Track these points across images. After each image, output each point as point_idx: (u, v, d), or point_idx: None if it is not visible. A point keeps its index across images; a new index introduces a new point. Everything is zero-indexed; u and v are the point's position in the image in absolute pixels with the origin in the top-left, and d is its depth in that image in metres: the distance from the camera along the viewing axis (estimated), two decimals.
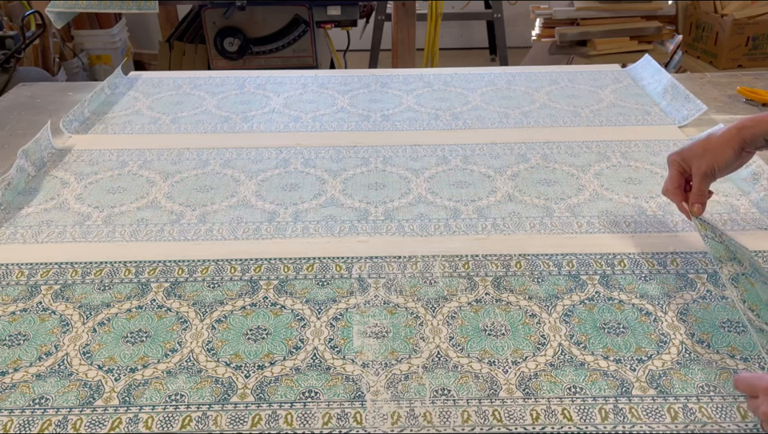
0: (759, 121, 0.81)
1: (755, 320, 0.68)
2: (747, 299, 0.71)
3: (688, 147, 0.85)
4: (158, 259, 0.92)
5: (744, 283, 0.73)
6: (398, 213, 1.03)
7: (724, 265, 0.75)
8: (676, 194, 0.86)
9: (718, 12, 2.81)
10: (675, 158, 0.86)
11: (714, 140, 0.83)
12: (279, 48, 2.32)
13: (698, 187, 0.84)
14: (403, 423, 0.67)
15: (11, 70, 2.39)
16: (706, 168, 0.82)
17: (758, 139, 0.81)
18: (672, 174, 0.86)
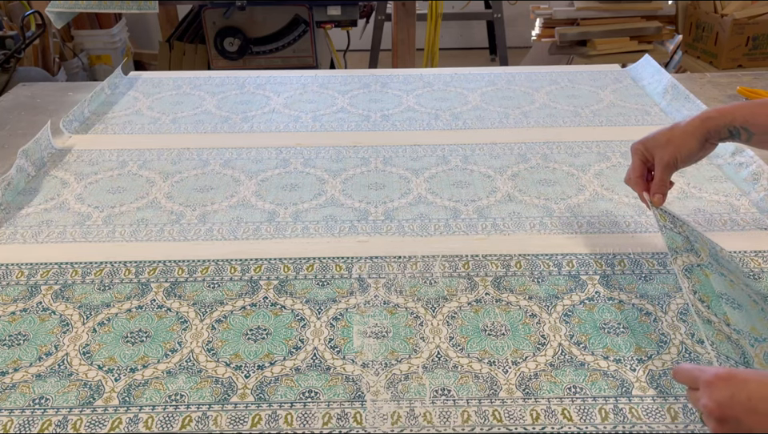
0: (723, 112, 0.81)
1: (704, 311, 0.68)
2: (699, 291, 0.71)
3: (652, 137, 0.84)
4: (157, 259, 0.92)
5: (698, 274, 0.73)
6: (397, 213, 1.03)
7: (679, 256, 0.75)
8: (638, 184, 0.85)
9: (718, 12, 2.81)
10: (639, 147, 0.85)
11: (677, 130, 0.82)
12: (279, 48, 2.32)
13: (660, 177, 0.83)
14: (403, 424, 0.67)
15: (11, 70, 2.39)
16: (669, 158, 0.81)
17: (722, 130, 0.80)
18: (635, 163, 0.85)
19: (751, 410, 0.52)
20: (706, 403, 0.55)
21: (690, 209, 1.02)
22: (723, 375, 0.55)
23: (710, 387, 0.55)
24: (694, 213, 1.01)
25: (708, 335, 0.65)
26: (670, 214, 0.83)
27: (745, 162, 1.10)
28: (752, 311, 0.72)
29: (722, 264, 0.79)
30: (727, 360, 0.63)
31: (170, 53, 2.54)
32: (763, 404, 0.52)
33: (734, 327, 0.68)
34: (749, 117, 0.79)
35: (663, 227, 0.79)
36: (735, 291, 0.74)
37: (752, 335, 0.68)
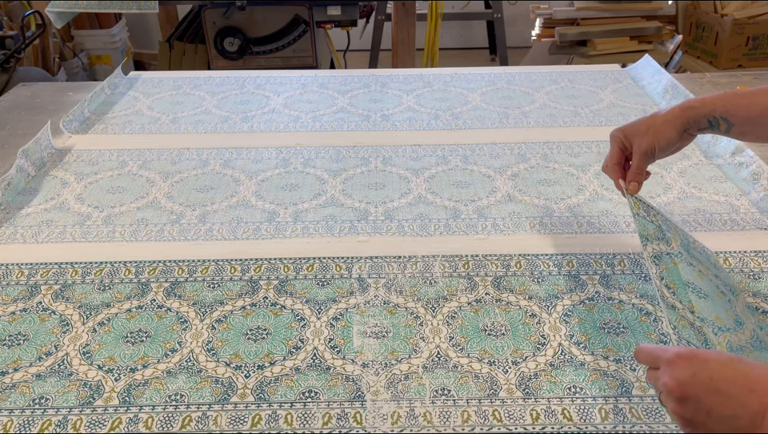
0: (704, 102, 0.80)
1: (669, 297, 0.68)
2: (666, 277, 0.71)
3: (632, 124, 0.84)
4: (157, 259, 0.92)
5: (666, 262, 0.73)
6: (397, 213, 1.03)
7: (649, 243, 0.75)
8: (615, 171, 0.84)
9: (718, 12, 2.81)
10: (618, 135, 0.85)
11: (657, 119, 0.82)
12: (279, 48, 2.32)
13: (637, 165, 0.82)
14: (403, 424, 0.67)
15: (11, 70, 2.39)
16: (647, 147, 0.81)
17: (701, 120, 0.80)
18: (613, 150, 0.85)
19: (712, 389, 0.52)
20: (667, 382, 0.55)
21: (690, 209, 1.02)
22: (685, 355, 0.55)
23: (671, 365, 0.55)
24: (693, 213, 1.01)
25: (671, 319, 0.65)
26: (644, 202, 0.82)
27: (745, 162, 1.10)
28: (718, 301, 0.72)
29: (693, 255, 0.79)
30: (688, 345, 0.62)
31: (169, 53, 2.54)
32: (724, 384, 0.52)
33: (698, 315, 0.68)
34: (729, 107, 0.78)
35: (636, 214, 0.79)
36: (703, 281, 0.74)
37: (716, 324, 0.68)
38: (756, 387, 0.51)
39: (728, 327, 0.68)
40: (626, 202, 1.03)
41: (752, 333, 0.71)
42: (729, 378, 0.52)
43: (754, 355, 0.67)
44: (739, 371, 0.52)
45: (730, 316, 0.71)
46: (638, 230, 0.77)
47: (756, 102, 0.77)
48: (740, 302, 0.77)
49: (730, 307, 0.73)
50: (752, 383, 0.51)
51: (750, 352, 0.67)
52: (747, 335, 0.70)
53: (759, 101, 0.77)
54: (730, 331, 0.68)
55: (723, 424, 0.52)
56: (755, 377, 0.51)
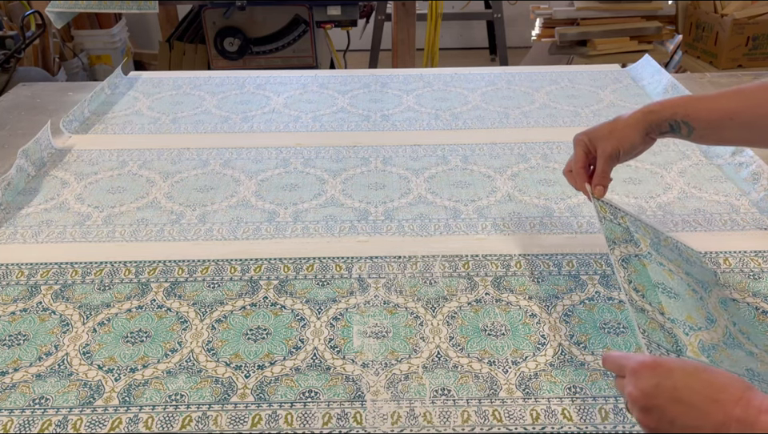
0: (665, 106, 0.81)
1: (638, 300, 0.68)
2: (634, 280, 0.71)
3: (595, 128, 0.84)
4: (157, 259, 0.92)
5: (635, 264, 0.73)
6: (397, 213, 1.03)
7: (617, 247, 0.75)
8: (580, 175, 0.84)
9: (718, 12, 2.81)
10: (582, 138, 0.84)
11: (620, 123, 0.82)
12: (279, 48, 2.32)
13: (602, 169, 0.82)
14: (403, 423, 0.67)
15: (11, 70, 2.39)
16: (611, 150, 0.81)
17: (663, 124, 0.80)
18: (577, 154, 0.85)
19: (675, 400, 0.52)
20: (631, 391, 0.55)
21: (690, 209, 1.02)
22: (649, 364, 0.55)
23: (636, 375, 0.55)
24: (693, 213, 1.01)
25: (640, 323, 0.65)
26: (610, 205, 0.82)
27: (745, 162, 1.10)
28: (689, 300, 0.72)
29: (663, 254, 0.78)
30: (658, 348, 0.62)
31: (169, 53, 2.54)
32: (687, 394, 0.52)
33: (668, 316, 0.67)
34: (690, 111, 0.78)
35: (603, 218, 0.79)
36: (673, 281, 0.74)
37: (687, 324, 0.68)
38: (719, 397, 0.50)
39: (700, 326, 0.68)
40: (626, 202, 1.04)
41: (724, 330, 0.71)
42: (692, 388, 0.52)
43: (726, 353, 0.66)
44: (703, 380, 0.52)
45: (702, 314, 0.71)
46: (604, 234, 0.76)
47: (717, 107, 0.77)
48: (713, 298, 0.77)
49: (701, 305, 0.73)
50: (715, 393, 0.51)
51: (722, 350, 0.66)
52: (720, 332, 0.70)
53: (720, 105, 0.77)
54: (702, 330, 0.68)
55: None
56: (719, 387, 0.51)
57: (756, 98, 0.75)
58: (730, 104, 0.77)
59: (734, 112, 0.76)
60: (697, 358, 0.63)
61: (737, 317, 0.77)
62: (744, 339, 0.72)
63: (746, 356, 0.68)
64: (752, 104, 0.75)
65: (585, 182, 0.83)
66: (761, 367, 0.67)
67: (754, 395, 0.50)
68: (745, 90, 0.77)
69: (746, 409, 0.49)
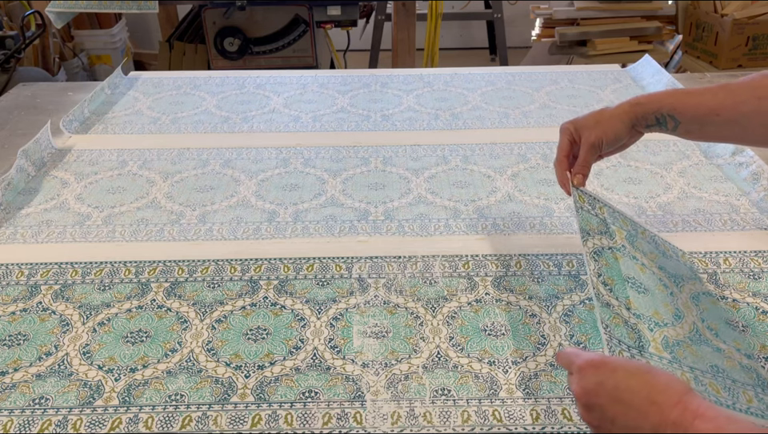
0: (652, 99, 0.80)
1: (605, 295, 0.68)
2: (604, 274, 0.70)
3: (582, 117, 0.84)
4: (157, 259, 0.92)
5: (607, 257, 0.73)
6: (397, 213, 1.03)
7: (590, 238, 0.74)
8: (562, 163, 0.84)
9: (718, 12, 2.81)
10: (568, 127, 0.84)
11: (606, 113, 0.82)
12: (279, 48, 2.32)
13: (584, 158, 0.82)
14: (403, 424, 0.67)
15: (11, 70, 2.39)
16: (595, 139, 0.81)
17: (649, 117, 0.80)
18: (562, 142, 0.84)
19: (616, 400, 0.52)
20: (576, 389, 0.55)
21: (690, 209, 1.02)
22: (595, 362, 0.55)
23: (581, 373, 0.56)
24: (693, 213, 1.01)
25: (604, 318, 0.65)
26: (589, 195, 0.81)
27: (745, 162, 1.10)
28: (659, 295, 0.72)
29: (638, 247, 0.78)
30: (619, 344, 0.62)
31: (169, 53, 2.54)
32: (627, 395, 0.52)
33: (634, 311, 0.67)
34: (677, 105, 0.78)
35: (581, 208, 0.78)
36: (645, 275, 0.74)
37: (653, 320, 0.67)
38: (658, 399, 0.51)
39: (666, 322, 0.68)
40: (626, 202, 1.04)
41: (692, 326, 0.70)
42: (633, 389, 0.52)
43: (691, 350, 0.66)
44: (645, 381, 0.52)
45: (670, 310, 0.71)
46: (579, 225, 0.76)
47: (703, 102, 0.77)
48: (684, 293, 0.77)
49: (671, 301, 0.73)
50: (655, 394, 0.51)
51: (687, 346, 0.66)
52: (686, 328, 0.69)
53: (706, 100, 0.77)
54: (667, 326, 0.68)
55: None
56: (660, 388, 0.51)
57: (741, 95, 0.75)
58: (716, 100, 0.76)
59: (720, 108, 0.76)
60: (659, 354, 0.63)
61: (708, 313, 0.76)
62: (712, 336, 0.71)
63: (712, 353, 0.68)
64: (737, 101, 0.75)
65: (566, 170, 0.83)
66: (727, 364, 0.67)
67: (691, 399, 0.50)
68: (731, 87, 0.77)
69: (683, 413, 0.49)
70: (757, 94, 0.74)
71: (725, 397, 0.61)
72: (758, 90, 0.74)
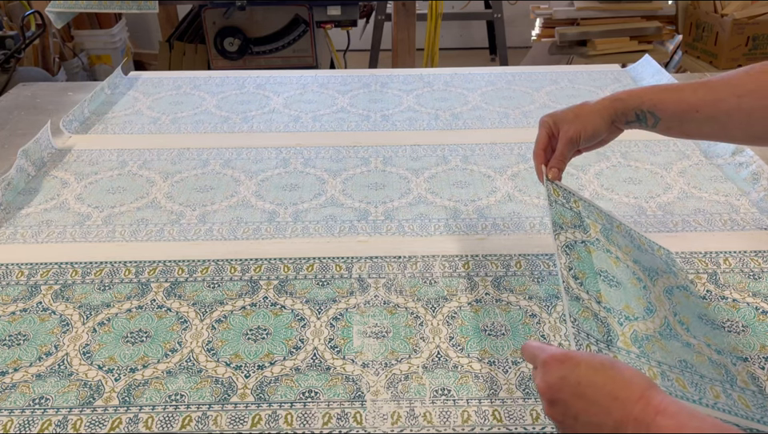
0: (632, 95, 0.80)
1: (575, 288, 0.67)
2: (574, 267, 0.69)
3: (561, 111, 0.83)
4: (157, 259, 0.92)
5: (579, 251, 0.72)
6: (397, 213, 1.03)
7: (563, 232, 0.73)
8: (539, 156, 0.83)
9: (718, 12, 2.81)
10: (547, 120, 0.83)
11: (586, 108, 0.81)
12: (279, 48, 2.32)
13: (560, 152, 0.81)
14: (403, 424, 0.67)
15: (11, 70, 2.39)
16: (573, 134, 0.80)
17: (629, 113, 0.79)
18: (540, 135, 0.84)
19: (579, 395, 0.52)
20: (539, 384, 0.55)
21: (690, 209, 1.02)
22: (558, 357, 0.55)
23: (545, 367, 0.55)
24: (694, 213, 1.01)
25: (572, 312, 0.64)
26: (564, 189, 0.81)
27: (745, 162, 1.10)
28: (631, 289, 0.71)
29: (613, 241, 0.77)
30: (587, 337, 0.62)
31: (169, 53, 2.54)
32: (590, 390, 0.52)
33: (605, 304, 0.67)
34: (657, 102, 0.77)
35: (555, 201, 0.78)
36: (618, 268, 0.73)
37: (624, 314, 0.67)
38: (621, 395, 0.50)
39: (636, 316, 0.68)
40: (626, 202, 1.04)
41: (663, 320, 0.70)
42: (596, 384, 0.52)
43: (660, 344, 0.66)
44: (608, 377, 0.52)
45: (642, 304, 0.70)
46: (552, 218, 0.75)
47: (683, 99, 0.76)
48: (657, 287, 0.76)
49: (643, 295, 0.72)
50: (617, 390, 0.51)
51: (656, 341, 0.66)
52: (657, 322, 0.69)
53: (686, 97, 0.76)
54: (638, 320, 0.67)
55: (589, 430, 0.52)
56: (622, 384, 0.51)
57: (720, 93, 0.74)
58: (696, 97, 0.75)
59: (700, 105, 0.75)
60: (627, 349, 0.63)
61: (680, 307, 0.76)
62: (683, 330, 0.71)
63: (682, 348, 0.67)
64: (717, 98, 0.74)
65: (542, 163, 0.82)
66: (696, 359, 0.66)
67: (654, 395, 0.50)
68: (711, 84, 0.76)
69: (645, 409, 0.49)
70: (736, 93, 0.73)
71: (691, 392, 0.61)
72: (737, 87, 0.73)
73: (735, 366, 0.70)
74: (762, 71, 0.72)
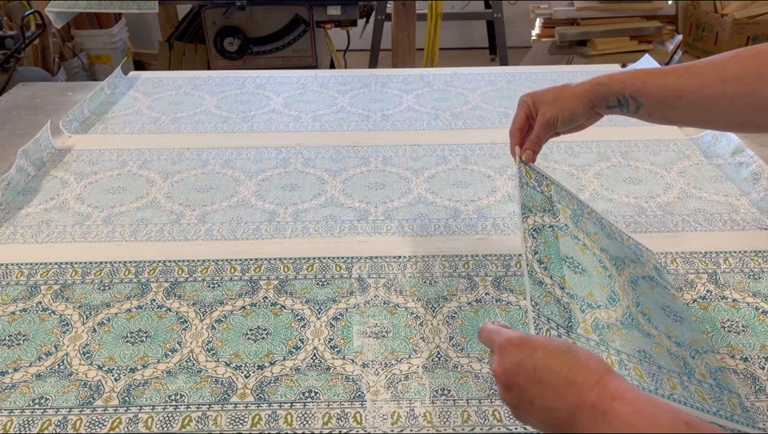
0: (614, 79, 0.78)
1: (539, 272, 0.65)
2: (540, 251, 0.68)
3: (542, 92, 0.82)
4: (157, 259, 0.92)
5: (546, 235, 0.71)
6: (397, 213, 1.03)
7: (531, 216, 0.72)
8: (514, 135, 0.81)
9: (718, 12, 2.81)
10: (526, 100, 0.82)
11: (566, 91, 0.80)
12: (279, 48, 2.32)
13: (536, 134, 0.80)
14: (403, 424, 0.67)
15: (11, 70, 2.39)
16: (551, 117, 0.79)
17: (611, 98, 0.77)
18: (518, 114, 0.82)
19: (534, 380, 0.51)
20: (495, 368, 0.54)
21: (690, 209, 1.02)
22: (515, 341, 0.53)
23: (501, 351, 0.54)
24: (694, 213, 1.01)
25: (534, 296, 0.63)
26: (537, 172, 0.79)
27: (745, 162, 1.10)
28: (596, 277, 0.70)
29: (582, 228, 0.76)
30: (548, 322, 0.60)
31: (169, 53, 2.54)
32: (546, 375, 0.50)
33: (568, 290, 0.66)
34: (639, 87, 0.75)
35: (526, 184, 0.76)
36: (585, 256, 0.72)
37: (586, 301, 0.66)
38: (577, 380, 0.49)
39: (599, 304, 0.67)
40: (626, 202, 1.04)
41: (625, 310, 0.69)
42: (552, 369, 0.50)
43: (620, 333, 0.65)
44: (564, 362, 0.51)
45: (605, 293, 0.69)
46: (521, 201, 0.73)
47: (667, 84, 0.74)
48: (623, 276, 0.75)
49: (608, 283, 0.71)
50: (574, 375, 0.50)
51: (617, 330, 0.65)
52: (619, 312, 0.68)
53: (670, 82, 0.74)
54: (600, 308, 0.66)
55: (544, 415, 0.51)
56: (579, 369, 0.50)
57: (705, 78, 0.72)
58: (680, 82, 0.74)
59: (684, 91, 0.73)
60: (587, 336, 0.62)
61: (644, 297, 0.75)
62: (644, 321, 0.70)
63: (642, 338, 0.67)
64: (701, 84, 0.72)
65: (516, 143, 0.81)
66: (655, 350, 0.66)
67: (610, 380, 0.49)
68: (696, 68, 0.74)
69: (601, 394, 0.48)
70: (722, 78, 0.71)
71: (648, 383, 0.60)
72: (722, 72, 0.71)
73: (694, 359, 0.69)
74: (749, 56, 0.70)
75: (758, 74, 0.69)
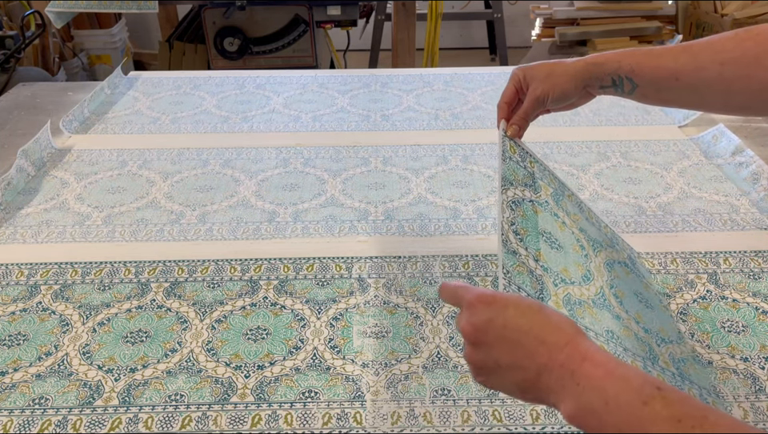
0: (609, 58, 0.76)
1: (514, 243, 0.64)
2: (517, 223, 0.67)
3: (535, 66, 0.79)
4: (157, 259, 0.92)
5: (525, 208, 0.69)
6: (397, 213, 1.03)
7: (512, 188, 0.70)
8: (502, 108, 0.80)
9: (718, 12, 2.81)
10: (518, 74, 0.80)
11: (560, 68, 0.78)
12: (279, 48, 2.32)
13: (525, 109, 0.79)
14: (403, 424, 0.67)
15: (11, 70, 2.39)
16: (541, 93, 0.77)
17: (605, 78, 0.76)
18: (507, 88, 0.81)
19: (504, 338, 0.49)
20: (464, 326, 0.52)
21: (690, 209, 1.02)
22: (486, 298, 0.52)
23: (471, 308, 0.52)
24: (693, 213, 1.01)
25: (506, 264, 0.61)
26: (522, 148, 0.78)
27: (745, 162, 1.10)
28: (572, 254, 0.70)
29: (562, 207, 0.75)
30: (518, 290, 0.59)
31: (169, 53, 2.54)
32: (515, 334, 0.49)
33: (542, 263, 0.64)
34: (635, 67, 0.74)
35: (509, 158, 0.75)
36: (563, 233, 0.71)
37: (560, 276, 0.65)
38: (548, 339, 0.48)
39: (573, 280, 0.66)
40: (626, 202, 1.04)
41: (598, 289, 0.68)
42: (522, 327, 0.49)
43: (591, 312, 0.64)
44: (535, 321, 0.49)
45: (580, 271, 0.68)
46: (502, 173, 0.72)
47: (663, 65, 0.73)
48: (599, 258, 0.74)
49: (583, 262, 0.70)
50: (544, 334, 0.48)
51: (588, 308, 0.64)
52: (592, 291, 0.67)
53: (666, 63, 0.73)
54: (573, 285, 0.66)
55: (511, 374, 0.49)
56: (549, 329, 0.49)
57: (702, 60, 0.71)
58: (676, 63, 0.72)
59: (680, 73, 0.72)
60: (557, 309, 0.61)
61: (618, 280, 0.74)
62: (616, 303, 0.69)
63: (612, 319, 0.66)
64: (697, 66, 0.71)
65: (503, 117, 0.80)
66: (623, 332, 0.65)
67: (581, 341, 0.48)
68: (693, 49, 0.72)
69: (571, 354, 0.47)
70: (719, 59, 0.69)
71: None
72: (720, 53, 0.70)
73: (659, 346, 0.69)
74: (747, 37, 0.69)
75: (756, 56, 0.67)
